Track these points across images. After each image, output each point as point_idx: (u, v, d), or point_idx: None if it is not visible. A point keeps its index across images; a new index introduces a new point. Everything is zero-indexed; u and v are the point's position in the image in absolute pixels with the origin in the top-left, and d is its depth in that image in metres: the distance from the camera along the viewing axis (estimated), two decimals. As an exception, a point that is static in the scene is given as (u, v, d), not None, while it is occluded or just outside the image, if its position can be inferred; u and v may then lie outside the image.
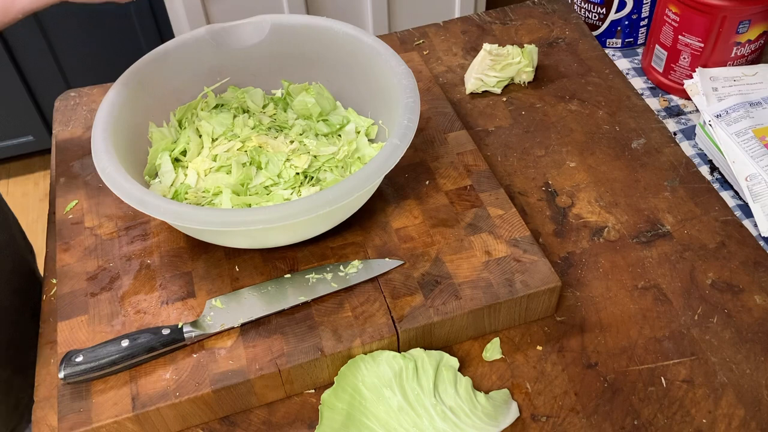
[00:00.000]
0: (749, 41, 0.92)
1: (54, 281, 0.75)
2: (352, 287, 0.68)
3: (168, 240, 0.73)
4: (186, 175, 0.76)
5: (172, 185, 0.75)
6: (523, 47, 0.95)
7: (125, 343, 0.62)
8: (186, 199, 0.73)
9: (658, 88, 1.00)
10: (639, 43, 1.08)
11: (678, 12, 0.92)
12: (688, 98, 0.97)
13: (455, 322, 0.66)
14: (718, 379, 0.65)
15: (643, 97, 0.96)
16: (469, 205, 0.74)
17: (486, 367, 0.67)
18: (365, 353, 0.64)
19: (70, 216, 0.76)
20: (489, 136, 0.89)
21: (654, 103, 0.98)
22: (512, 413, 0.63)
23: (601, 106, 0.93)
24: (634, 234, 0.78)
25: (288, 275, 0.69)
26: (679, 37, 0.94)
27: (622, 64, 1.06)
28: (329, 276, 0.68)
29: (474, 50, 1.02)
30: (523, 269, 0.68)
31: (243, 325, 0.65)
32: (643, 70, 1.03)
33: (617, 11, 1.05)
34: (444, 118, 0.84)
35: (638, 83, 1.01)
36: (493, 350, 0.68)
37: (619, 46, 1.08)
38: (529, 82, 0.96)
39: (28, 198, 2.11)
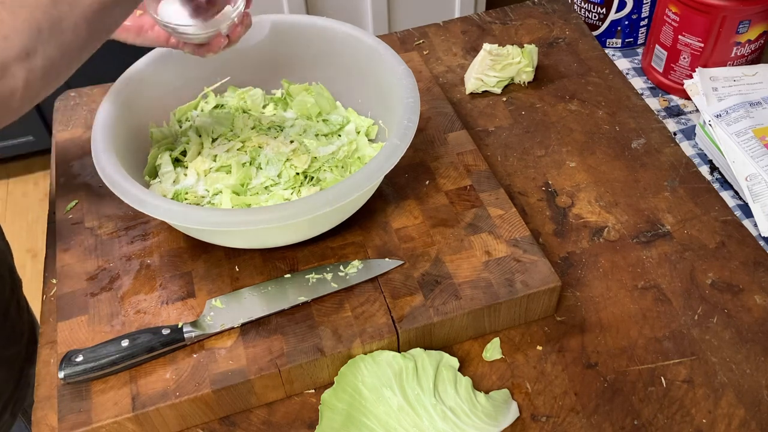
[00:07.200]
0: (749, 41, 0.92)
1: (54, 281, 0.75)
2: (352, 287, 0.68)
3: (168, 240, 0.73)
4: (186, 175, 0.76)
5: (172, 184, 0.75)
6: (523, 47, 0.95)
7: (125, 343, 0.62)
8: (186, 199, 0.73)
9: (658, 88, 1.00)
10: (639, 43, 1.08)
11: (678, 12, 0.92)
12: (688, 98, 0.97)
13: (455, 322, 0.66)
14: (718, 379, 0.65)
15: (643, 97, 0.96)
16: (469, 205, 0.74)
17: (486, 367, 0.67)
18: (365, 353, 0.64)
19: (70, 216, 0.76)
20: (489, 136, 0.89)
21: (654, 103, 0.98)
22: (512, 413, 0.63)
23: (601, 106, 0.93)
24: (634, 234, 0.78)
25: (288, 275, 0.69)
26: (679, 37, 0.94)
27: (622, 64, 1.06)
28: (329, 276, 0.68)
29: (474, 50, 1.02)
30: (523, 269, 0.68)
31: (243, 325, 0.65)
32: (643, 70, 1.03)
33: (617, 11, 1.05)
34: (444, 118, 0.84)
35: (638, 83, 1.01)
36: (493, 350, 0.68)
37: (619, 46, 1.08)
38: (529, 82, 0.96)
39: (28, 198, 2.11)
